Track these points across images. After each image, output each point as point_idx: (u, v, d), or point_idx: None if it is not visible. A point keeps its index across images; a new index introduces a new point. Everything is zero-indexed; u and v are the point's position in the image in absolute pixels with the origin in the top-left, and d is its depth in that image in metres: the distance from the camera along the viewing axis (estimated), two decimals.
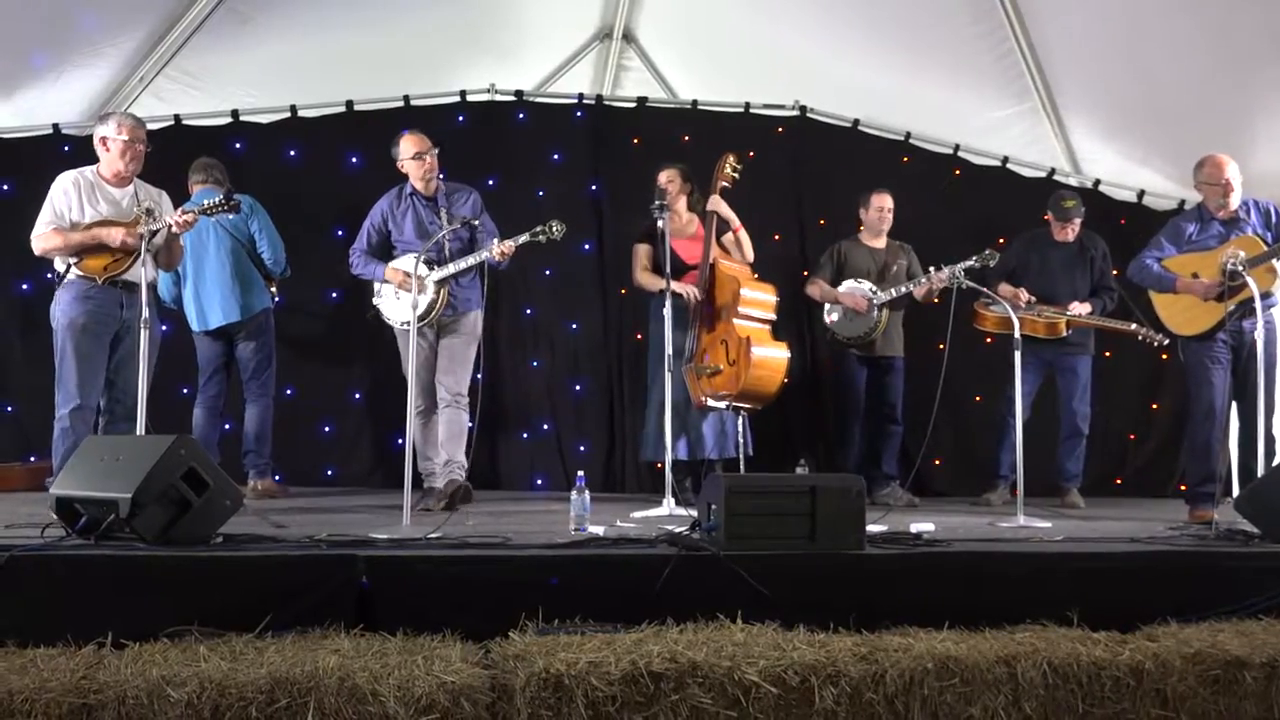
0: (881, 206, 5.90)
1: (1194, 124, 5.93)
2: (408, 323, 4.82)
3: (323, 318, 6.28)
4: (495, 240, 4.94)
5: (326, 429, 6.23)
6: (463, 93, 6.42)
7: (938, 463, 6.44)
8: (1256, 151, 5.71)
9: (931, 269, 5.68)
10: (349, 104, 6.33)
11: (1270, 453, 4.54)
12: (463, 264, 4.95)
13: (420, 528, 3.69)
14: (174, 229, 4.44)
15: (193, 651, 2.72)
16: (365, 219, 5.18)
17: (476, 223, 5.06)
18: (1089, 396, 5.85)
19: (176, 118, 6.09)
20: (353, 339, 6.22)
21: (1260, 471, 4.38)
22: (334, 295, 6.28)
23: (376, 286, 5.11)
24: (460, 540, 3.45)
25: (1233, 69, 5.61)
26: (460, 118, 6.08)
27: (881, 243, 5.97)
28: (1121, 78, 6.04)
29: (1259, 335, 4.43)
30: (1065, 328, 5.74)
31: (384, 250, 5.16)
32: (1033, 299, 5.71)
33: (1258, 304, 4.43)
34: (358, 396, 6.27)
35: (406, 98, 6.36)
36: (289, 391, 6.05)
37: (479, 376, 5.19)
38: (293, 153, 6.30)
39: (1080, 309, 5.74)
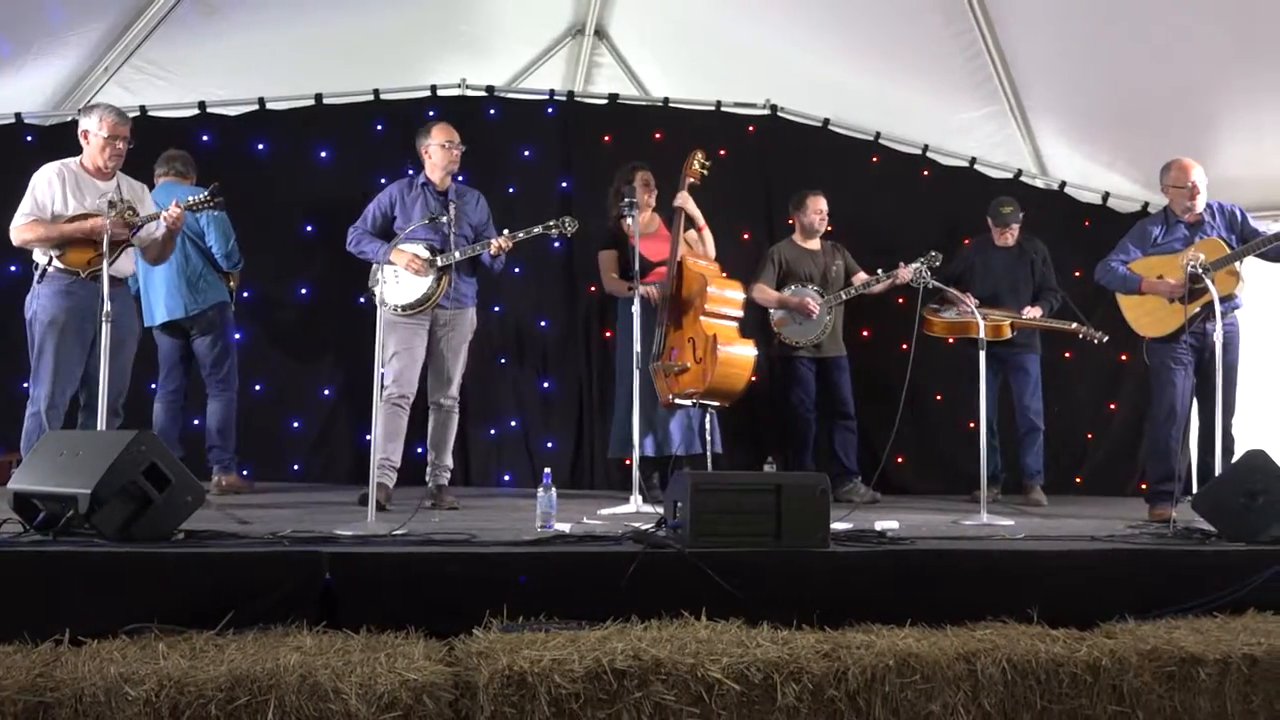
0: (819, 209, 5.93)
1: (1160, 128, 6.03)
2: (404, 308, 4.79)
3: (292, 313, 6.23)
4: (506, 232, 4.95)
5: (295, 424, 6.18)
6: (433, 87, 6.39)
7: (900, 461, 6.48)
8: (1221, 156, 5.81)
9: (880, 270, 5.77)
10: (318, 97, 6.28)
11: (1229, 452, 4.59)
12: (470, 251, 4.91)
13: (385, 524, 3.67)
14: (166, 226, 4.41)
15: (152, 649, 2.69)
16: (370, 202, 5.10)
17: (486, 234, 5.09)
18: (1040, 393, 5.96)
19: (142, 109, 6.02)
20: (323, 334, 6.19)
21: (1218, 471, 4.44)
22: (303, 291, 6.23)
23: (375, 268, 5.01)
24: (425, 537, 3.44)
25: (1200, 74, 5.70)
26: (430, 112, 6.04)
27: (816, 244, 6.00)
28: (1088, 81, 6.11)
29: (1218, 338, 4.48)
30: (1010, 330, 5.82)
31: (384, 236, 5.09)
32: (977, 303, 5.78)
33: (1217, 307, 4.49)
34: (327, 393, 6.23)
35: (376, 91, 6.32)
36: (257, 387, 6.00)
37: None
38: (260, 146, 6.24)
39: (1032, 313, 5.84)
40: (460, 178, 5.88)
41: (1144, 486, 5.38)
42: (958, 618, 3.22)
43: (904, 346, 4.99)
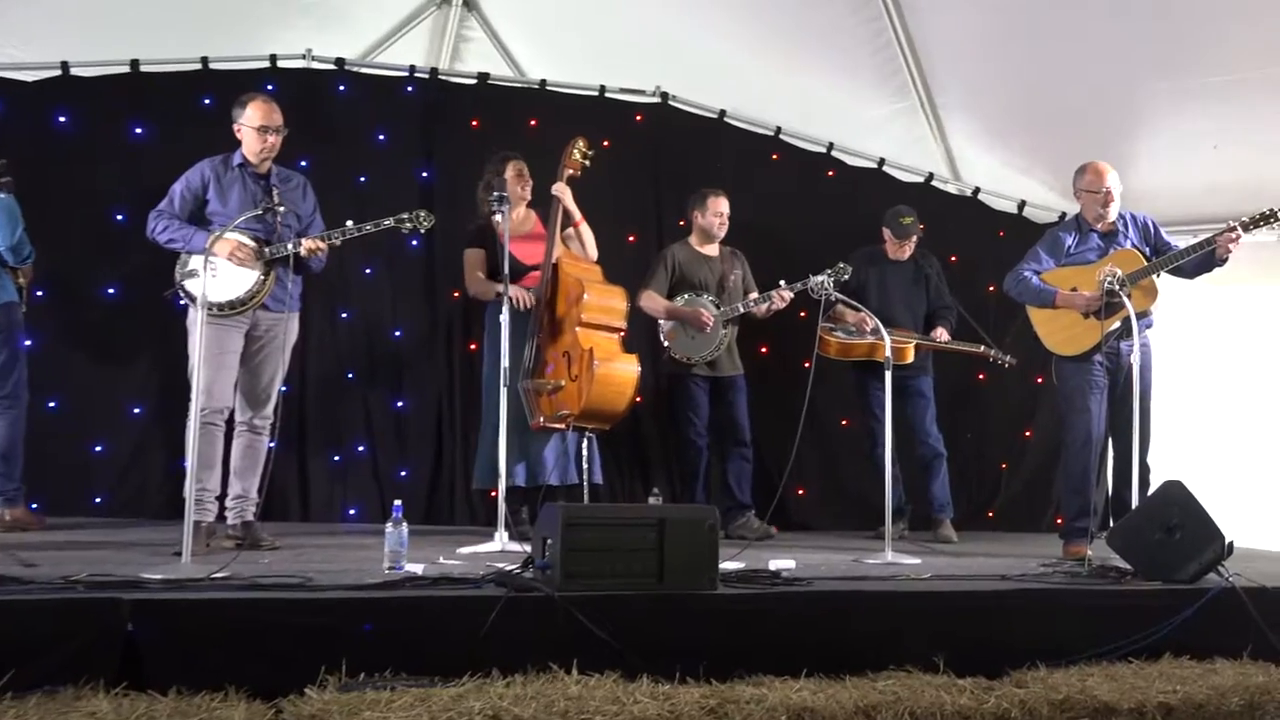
0: (720, 211, 6.00)
1: (1079, 132, 6.31)
2: (221, 307, 4.63)
3: (97, 316, 5.98)
4: (350, 224, 4.83)
5: (98, 449, 5.94)
6: (273, 57, 6.26)
7: (801, 492, 6.61)
8: (1139, 165, 6.12)
9: (782, 282, 5.84)
10: (134, 64, 6.09)
11: (1145, 484, 4.81)
12: (315, 242, 4.77)
13: (203, 566, 3.56)
14: None
15: None
16: (176, 181, 4.91)
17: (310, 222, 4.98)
18: (936, 416, 6.15)
19: None
20: (134, 342, 5.98)
21: (1135, 504, 4.64)
22: (111, 290, 6.00)
23: (184, 258, 4.83)
24: (251, 581, 3.35)
25: (1120, 79, 6.00)
26: (269, 86, 5.90)
27: (715, 249, 6.08)
28: (1005, 80, 6.37)
29: (1135, 359, 4.70)
30: (913, 353, 6.01)
31: (193, 223, 4.90)
32: (877, 323, 5.94)
33: (1134, 324, 4.71)
34: (138, 411, 6.00)
35: (205, 59, 6.17)
36: (51, 404, 5.76)
37: (284, 388, 5.07)
38: (63, 118, 6.01)
39: (942, 335, 6.06)
40: (304, 163, 5.78)
41: (1060, 522, 5.59)
42: (858, 667, 3.28)
43: (805, 364, 5.08)
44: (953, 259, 6.70)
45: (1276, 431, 6.49)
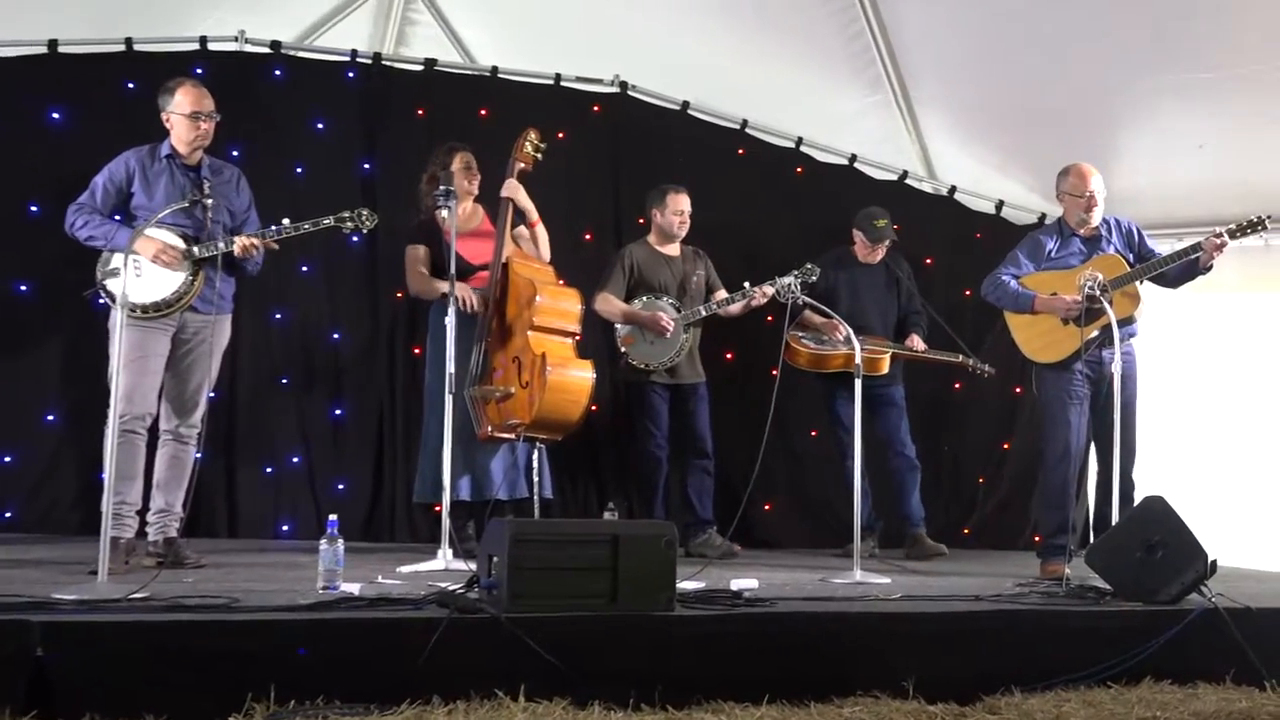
0: (680, 209, 6.02)
1: (1058, 131, 6.40)
2: (145, 309, 4.58)
3: (7, 316, 5.90)
4: (287, 221, 4.80)
5: (7, 459, 5.86)
6: (203, 39, 6.22)
7: (768, 508, 6.63)
8: (1121, 166, 6.20)
9: (746, 284, 5.86)
10: (52, 44, 6.03)
11: (1127, 500, 4.87)
12: (250, 241, 4.74)
13: (121, 586, 3.52)
14: None
15: None
16: (99, 173, 4.85)
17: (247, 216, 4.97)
18: (909, 426, 6.21)
19: None
20: (49, 345, 5.91)
21: (1116, 521, 4.70)
22: (23, 288, 5.92)
23: (105, 255, 4.77)
24: (172, 602, 3.32)
25: (1103, 76, 6.09)
26: (198, 69, 5.85)
27: (676, 250, 6.10)
28: (982, 74, 6.44)
29: (1116, 369, 4.76)
30: (889, 363, 6.05)
31: (117, 216, 4.84)
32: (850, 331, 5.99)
33: (1115, 331, 4.77)
34: (51, 418, 5.92)
35: (129, 40, 6.12)
36: None
37: (213, 395, 5.03)
38: None
39: (917, 345, 6.12)
40: (235, 153, 5.74)
41: (1038, 539, 5.65)
42: (823, 693, 3.30)
43: (773, 372, 5.10)
44: (928, 261, 6.76)
45: (1263, 445, 6.59)
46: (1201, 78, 5.81)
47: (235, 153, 5.77)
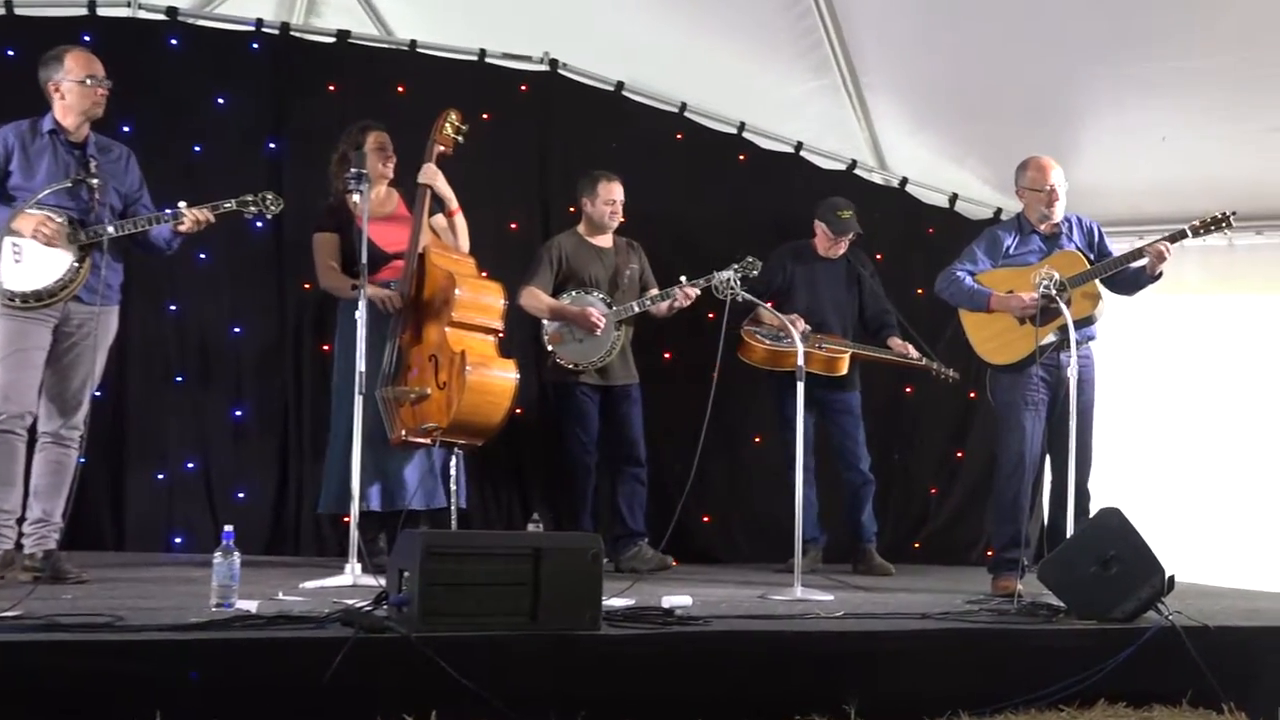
0: (612, 199, 6.02)
1: (1015, 122, 6.48)
2: (30, 297, 4.52)
3: None
4: (184, 205, 4.74)
5: None
6: (92, 3, 6.16)
7: (705, 519, 6.66)
8: (1082, 159, 6.30)
9: (682, 279, 5.88)
10: None
11: (1083, 512, 4.94)
12: (141, 223, 4.70)
13: None
14: None
15: None
16: None
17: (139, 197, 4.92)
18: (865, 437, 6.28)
19: None
20: None
21: (1071, 534, 4.77)
22: None
23: None
24: (48, 620, 3.26)
25: (1062, 65, 6.16)
26: (85, 37, 5.76)
27: (608, 241, 6.11)
28: (936, 59, 6.50)
29: (1072, 372, 4.83)
30: (847, 364, 6.11)
31: None
32: (808, 329, 6.04)
33: (1071, 333, 4.85)
34: None
35: (9, 4, 6.06)
36: None
37: (97, 394, 4.95)
38: None
39: (900, 347, 6.21)
40: (126, 129, 5.65)
41: (990, 554, 5.72)
42: (760, 717, 3.31)
43: (714, 373, 5.11)
44: (878, 257, 6.82)
45: (1224, 455, 6.72)
46: (1165, 68, 5.91)
47: (126, 129, 5.70)
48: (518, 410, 5.52)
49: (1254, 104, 6.02)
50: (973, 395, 6.80)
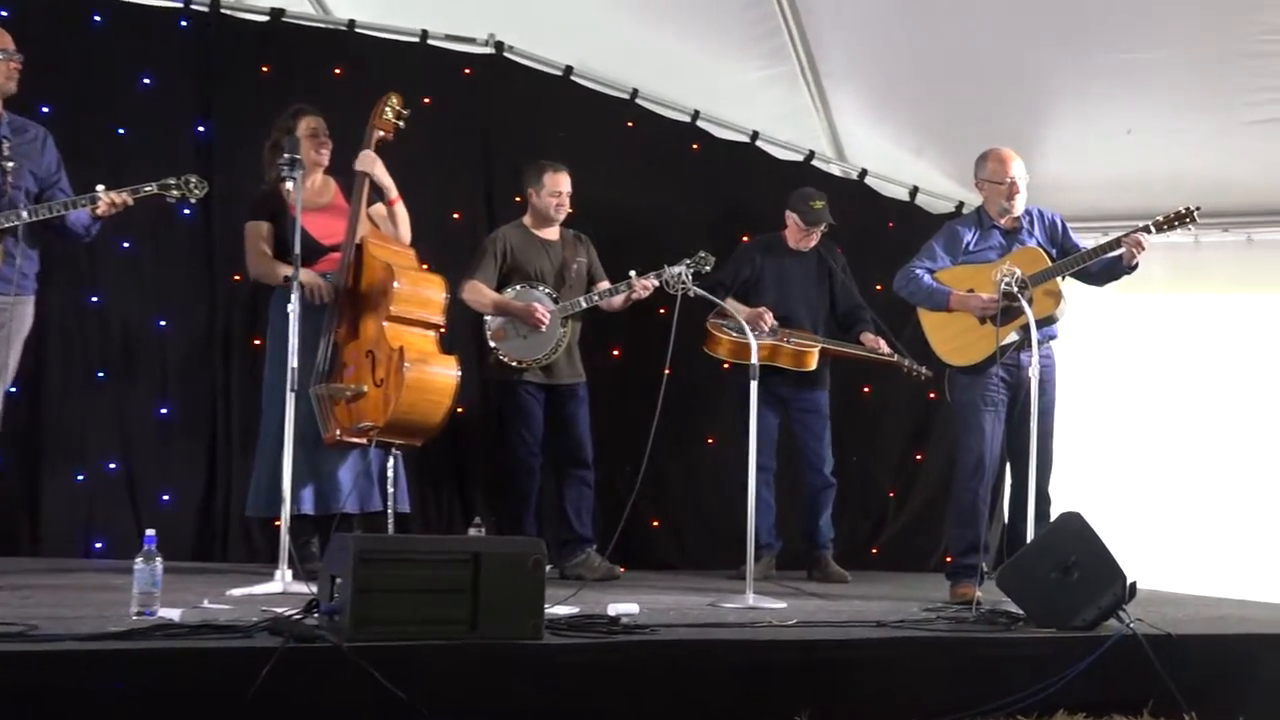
0: (558, 190, 6.02)
1: (978, 113, 6.55)
2: None
3: None
4: (101, 189, 4.69)
5: None
6: None
7: (656, 524, 6.67)
8: (1048, 151, 6.38)
9: (632, 273, 5.88)
10: None
11: (1042, 516, 5.00)
12: (54, 209, 4.64)
13: None
14: None
15: None
16: None
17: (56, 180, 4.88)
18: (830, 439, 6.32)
19: None
20: None
21: (1030, 539, 4.82)
22: None
23: None
24: None
25: (1027, 55, 6.24)
26: (2, 12, 5.69)
27: (555, 233, 6.12)
28: (897, 48, 6.56)
29: (1034, 372, 4.88)
30: (816, 359, 6.14)
31: None
32: (776, 323, 6.06)
33: (1033, 332, 4.90)
34: None
35: None
36: None
37: (12, 390, 4.92)
38: None
39: (874, 342, 6.24)
40: (45, 110, 5.59)
41: (949, 560, 5.78)
42: None
43: (666, 371, 5.13)
44: (837, 251, 6.85)
45: (1187, 458, 6.83)
46: (1130, 58, 5.99)
47: (45, 110, 5.61)
48: (459, 409, 5.50)
49: (1222, 96, 6.12)
50: (933, 395, 6.84)
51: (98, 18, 6.24)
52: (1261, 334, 6.93)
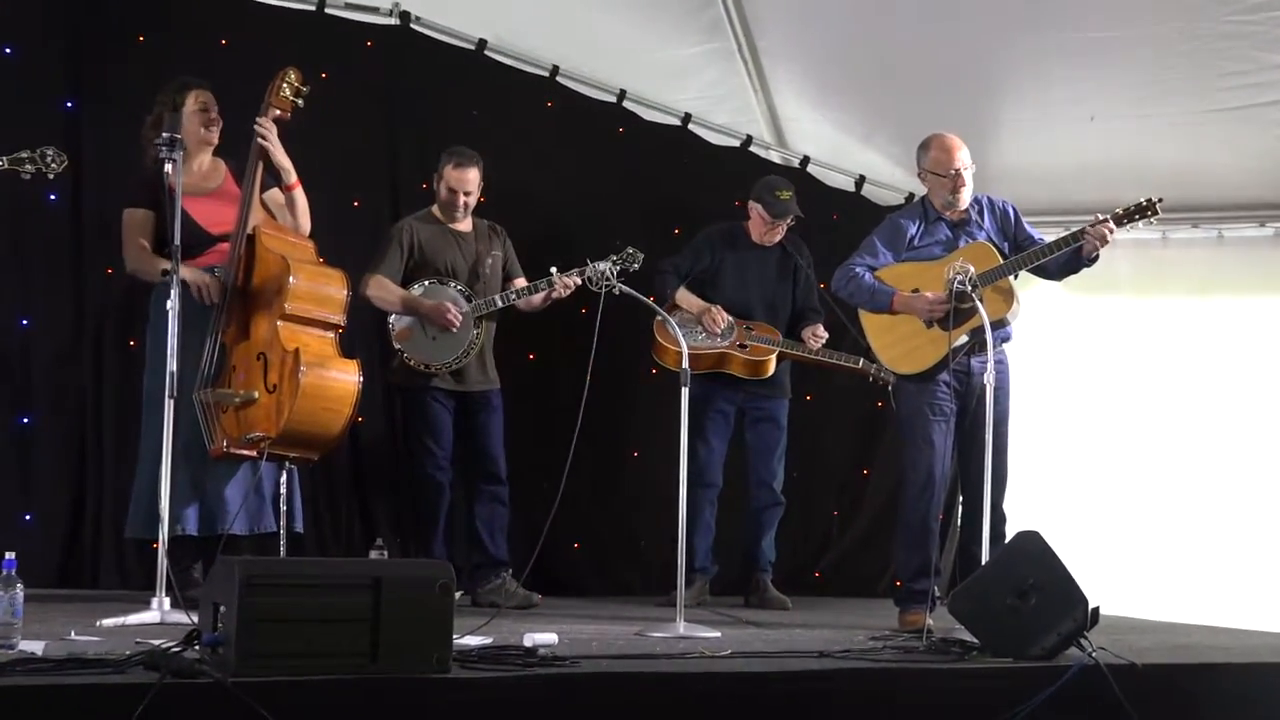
0: (457, 187, 6.01)
1: (930, 95, 6.62)
2: None
3: None
4: None
5: None
6: None
7: (577, 546, 6.68)
8: (1001, 137, 6.48)
9: (553, 270, 5.88)
10: None
11: (997, 537, 5.03)
12: None
13: None
14: None
15: None
16: None
17: None
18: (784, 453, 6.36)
19: None
20: None
21: (985, 561, 4.88)
22: None
23: None
24: None
25: (984, 28, 6.30)
26: None
27: (468, 225, 6.13)
28: (842, 24, 6.61)
29: (989, 379, 4.92)
30: (774, 364, 6.19)
31: None
32: (731, 320, 6.10)
33: (988, 336, 4.94)
34: None
35: None
36: None
37: None
38: None
39: (816, 338, 6.29)
40: None
41: (898, 584, 5.83)
42: None
43: (588, 377, 5.14)
44: (805, 248, 6.90)
45: (1154, 474, 6.93)
46: (1092, 36, 6.08)
47: None
48: (359, 418, 5.50)
49: (1190, 80, 6.23)
50: (879, 405, 6.92)
51: None
52: (1233, 340, 7.00)
